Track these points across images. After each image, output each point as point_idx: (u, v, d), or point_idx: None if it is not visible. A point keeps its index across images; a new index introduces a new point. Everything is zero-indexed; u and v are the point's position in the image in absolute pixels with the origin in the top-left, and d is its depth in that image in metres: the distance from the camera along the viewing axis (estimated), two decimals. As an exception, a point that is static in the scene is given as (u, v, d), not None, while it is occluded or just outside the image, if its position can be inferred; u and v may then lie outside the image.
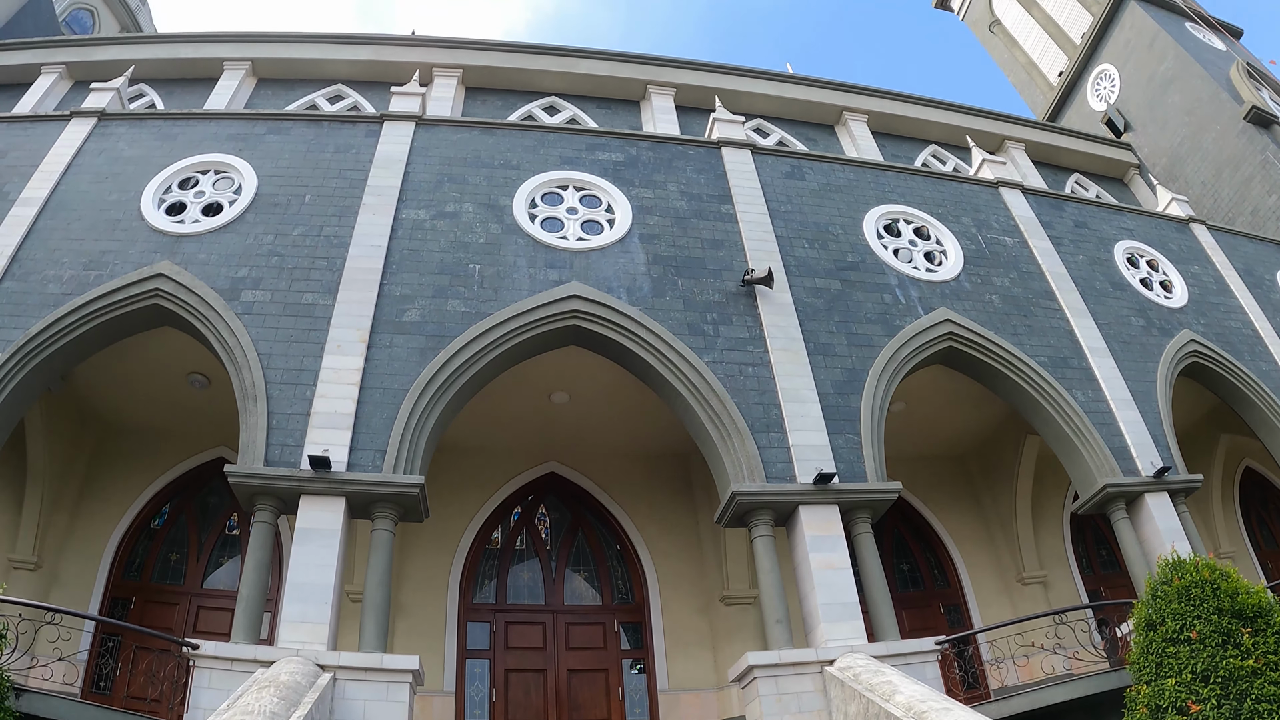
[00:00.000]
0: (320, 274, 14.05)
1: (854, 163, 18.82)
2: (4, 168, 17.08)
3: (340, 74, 23.32)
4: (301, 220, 14.98)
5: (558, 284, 14.26)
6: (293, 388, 12.57)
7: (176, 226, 15.01)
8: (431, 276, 14.15)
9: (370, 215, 14.93)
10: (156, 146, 16.80)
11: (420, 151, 16.49)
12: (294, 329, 13.26)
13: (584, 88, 23.90)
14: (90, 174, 16.44)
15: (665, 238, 15.60)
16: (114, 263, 14.55)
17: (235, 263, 14.28)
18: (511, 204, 15.60)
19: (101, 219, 15.41)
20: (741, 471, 12.77)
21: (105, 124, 17.55)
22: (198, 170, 16.20)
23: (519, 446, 18.28)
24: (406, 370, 12.83)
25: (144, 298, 14.05)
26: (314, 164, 16.12)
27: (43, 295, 14.27)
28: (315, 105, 22.62)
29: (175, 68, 23.53)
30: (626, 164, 16.95)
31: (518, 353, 13.75)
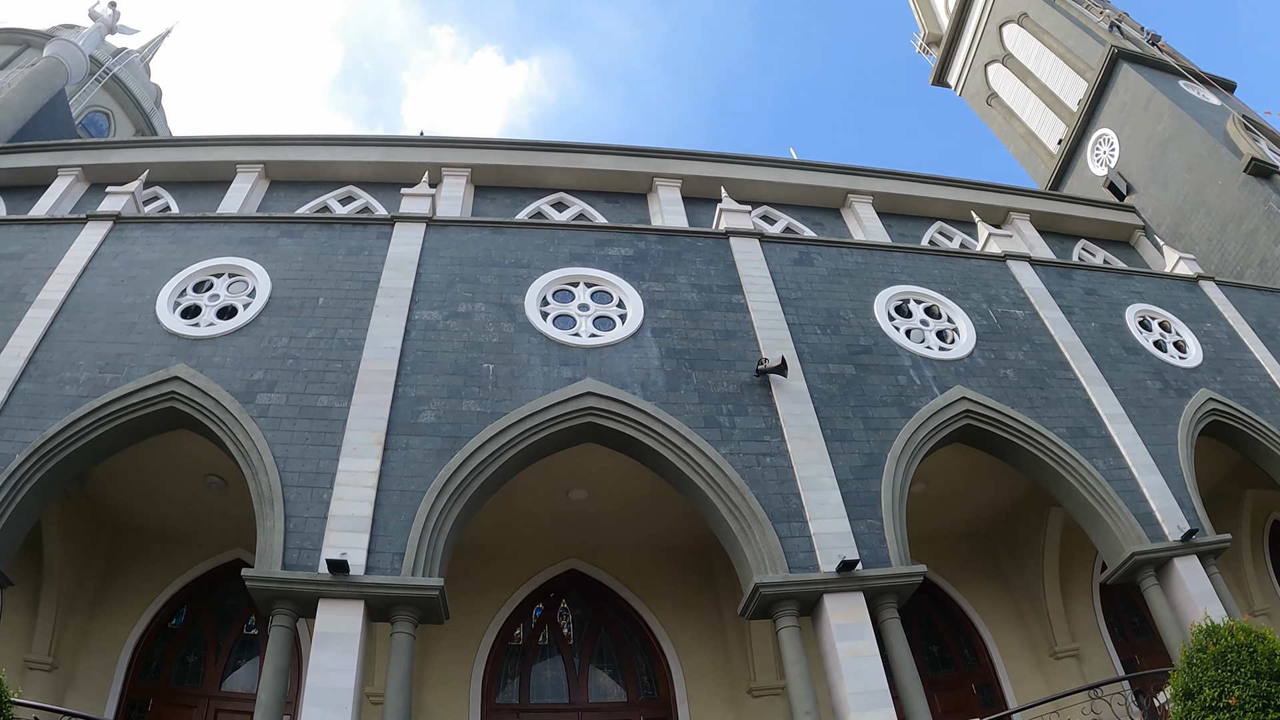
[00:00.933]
0: (335, 376, 14.33)
1: (862, 246, 19.16)
2: (21, 270, 17.49)
3: (351, 175, 23.87)
4: (316, 323, 15.31)
5: (572, 381, 14.51)
6: (310, 490, 12.75)
7: (192, 329, 15.34)
8: (446, 377, 14.42)
9: (383, 317, 15.25)
10: (171, 250, 17.22)
11: (431, 252, 16.86)
12: (310, 432, 13.49)
13: (591, 182, 24.43)
14: (106, 277, 16.84)
15: (677, 331, 15.89)
16: (130, 365, 14.86)
17: (250, 366, 14.58)
18: (523, 302, 15.93)
19: (117, 321, 15.76)
20: (764, 563, 12.88)
21: (121, 227, 18.00)
22: (212, 274, 16.59)
23: (539, 544, 18.41)
24: (423, 472, 13.02)
25: (160, 401, 14.32)
26: (327, 266, 16.49)
27: (59, 397, 14.57)
28: (327, 206, 23.14)
29: (189, 171, 24.11)
30: (636, 258, 17.31)
31: (534, 452, 13.95)
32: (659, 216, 23.18)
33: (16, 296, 16.85)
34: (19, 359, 15.32)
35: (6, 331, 16.07)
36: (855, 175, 25.78)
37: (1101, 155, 31.23)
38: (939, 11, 43.78)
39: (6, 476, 13.20)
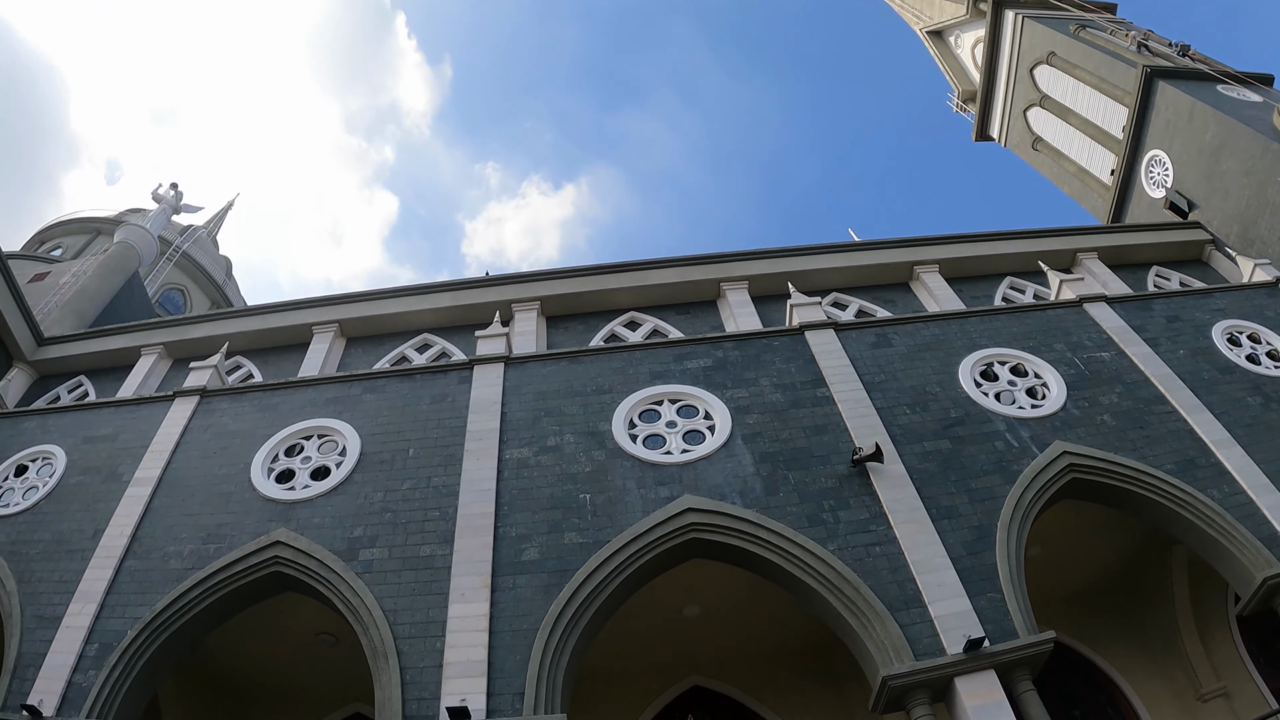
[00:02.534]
0: (434, 524, 14.74)
1: (937, 317, 19.20)
2: (116, 450, 18.35)
3: (425, 323, 24.54)
4: (409, 474, 15.78)
5: (670, 500, 14.76)
6: (422, 640, 13.05)
7: (288, 494, 15.91)
8: (544, 512, 14.74)
9: (475, 460, 15.68)
10: (259, 417, 17.93)
11: (513, 390, 17.32)
12: (416, 582, 13.85)
13: (659, 297, 24.80)
14: (199, 450, 17.55)
15: (767, 434, 16.07)
16: (231, 534, 15.46)
17: (350, 523, 15.05)
18: (611, 428, 16.26)
19: (214, 492, 16.43)
20: (888, 654, 12.83)
21: (208, 400, 18.83)
22: (301, 437, 17.23)
23: (658, 664, 18.38)
24: (533, 610, 13.28)
25: (264, 566, 14.88)
26: (412, 417, 17.03)
27: (165, 571, 15.28)
28: (405, 357, 23.79)
29: (267, 337, 25.01)
30: (716, 367, 17.59)
31: (641, 575, 14.15)
32: (731, 321, 23.46)
33: (114, 477, 17.66)
34: (123, 537, 16.08)
35: (108, 511, 16.84)
36: (918, 246, 25.86)
37: (1156, 177, 30.96)
38: (968, 68, 44.09)
39: (120, 654, 13.76)
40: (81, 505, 17.50)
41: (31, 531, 17.40)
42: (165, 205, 41.76)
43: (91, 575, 15.80)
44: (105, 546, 16.23)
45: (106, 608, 15.19)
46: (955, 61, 45.18)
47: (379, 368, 22.68)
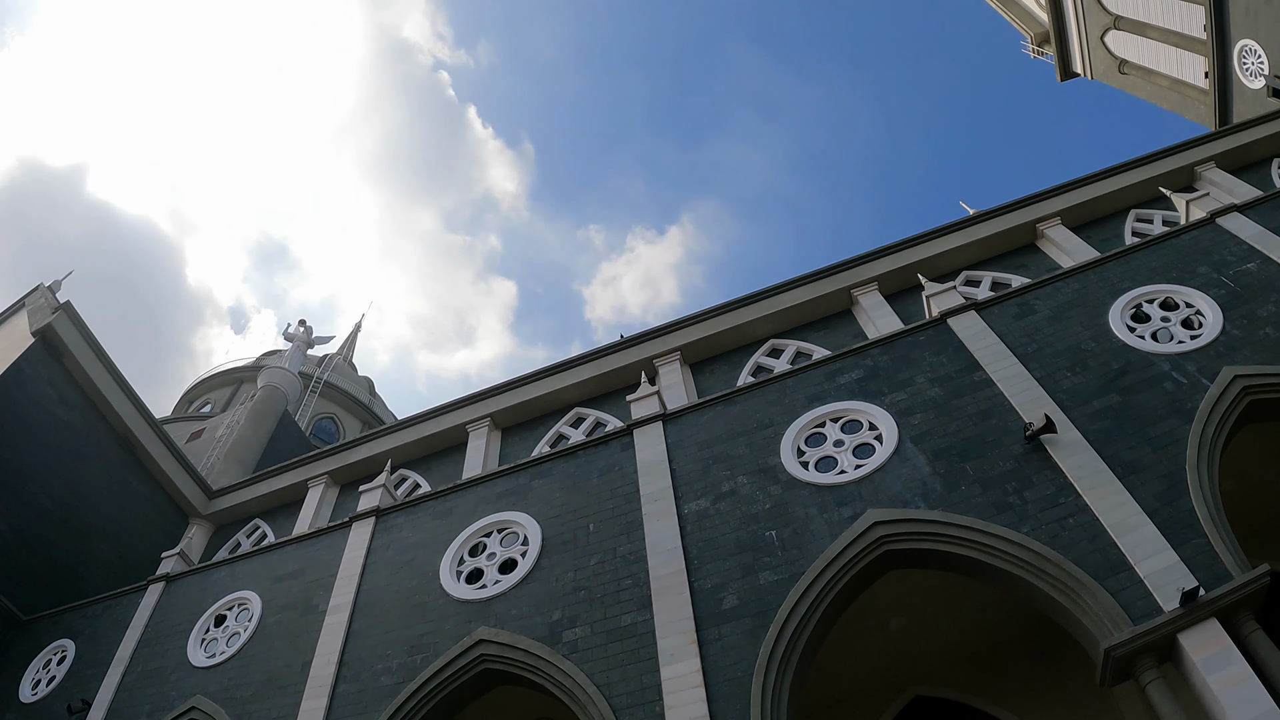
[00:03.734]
0: (629, 592, 15.04)
1: (1074, 271, 18.56)
2: (306, 584, 19.23)
3: (572, 398, 25.11)
4: (593, 549, 16.16)
5: (854, 518, 14.77)
6: (641, 708, 13.34)
7: (480, 592, 16.47)
8: (734, 558, 14.90)
9: (655, 522, 15.95)
10: (437, 524, 18.59)
11: (677, 445, 17.56)
12: (623, 652, 14.14)
13: (794, 319, 24.91)
14: (386, 567, 18.27)
15: (935, 431, 15.95)
16: (434, 641, 16.05)
17: (546, 608, 15.48)
18: (780, 460, 16.34)
19: (410, 605, 17.09)
20: (1104, 625, 12.57)
21: (384, 519, 19.59)
22: (482, 535, 17.80)
23: (874, 683, 18.14)
24: (744, 656, 13.42)
25: (472, 666, 15.43)
26: (585, 493, 17.42)
27: (376, 690, 15.99)
28: (561, 435, 24.36)
29: (424, 445, 25.91)
30: (868, 376, 17.54)
31: (842, 599, 14.14)
32: (870, 327, 23.40)
33: (310, 609, 18.46)
34: (330, 664, 16.82)
35: (311, 642, 17.63)
36: (1034, 203, 25.34)
37: (1251, 67, 29.54)
38: (1033, 10, 43.19)
39: None
40: (285, 642, 18.33)
41: (242, 675, 18.27)
42: (298, 342, 43.50)
43: (308, 706, 16.57)
44: (315, 676, 16.97)
45: (333, 735, 15.93)
46: (1018, 6, 44.47)
47: (538, 452, 23.31)
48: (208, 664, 19.05)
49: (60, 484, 27.46)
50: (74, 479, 27.94)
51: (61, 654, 22.83)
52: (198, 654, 19.54)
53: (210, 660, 19.10)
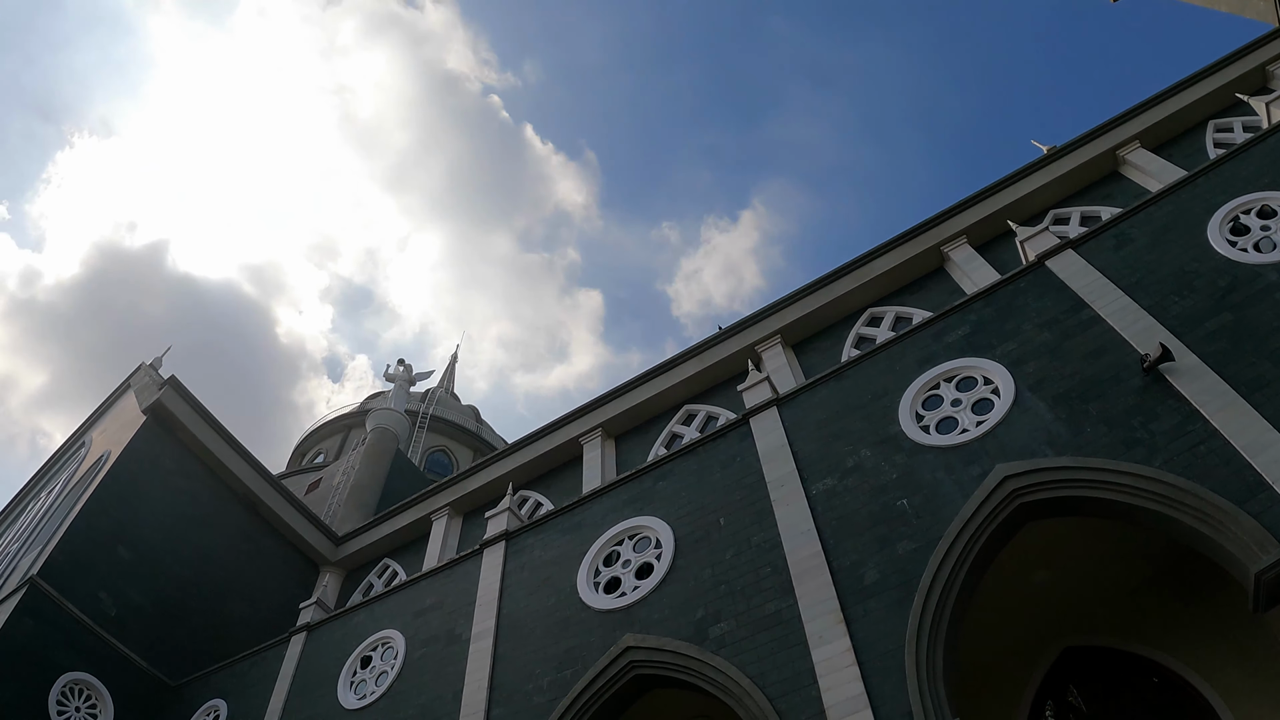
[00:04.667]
0: (769, 580, 15.19)
1: (1164, 193, 17.89)
2: (446, 615, 19.80)
3: (680, 397, 25.36)
4: (727, 542, 16.34)
5: (983, 476, 14.70)
6: (796, 694, 13.45)
7: (620, 600, 16.76)
8: (869, 532, 14.96)
9: (785, 507, 16.07)
10: (567, 540, 19.02)
11: (795, 427, 17.65)
12: (771, 640, 14.29)
13: (888, 284, 24.86)
14: (523, 588, 18.74)
15: (1051, 376, 15.72)
16: (582, 655, 16.42)
17: (689, 608, 15.72)
18: (901, 428, 16.34)
19: (552, 622, 17.48)
20: (1251, 550, 12.31)
21: (514, 541, 20.05)
22: (614, 544, 18.15)
23: (1023, 641, 17.88)
24: (893, 629, 13.48)
25: (623, 674, 15.74)
26: (710, 488, 17.61)
27: (530, 709, 16.45)
28: (674, 434, 24.65)
29: (540, 464, 26.43)
30: (974, 331, 17.40)
31: (982, 559, 14.08)
32: (966, 281, 23.19)
33: (454, 639, 18.94)
34: (482, 690, 17.31)
35: (459, 672, 18.15)
36: (1110, 130, 24.70)
37: None
38: None
39: None
40: (433, 675, 18.83)
41: (395, 712, 18.88)
42: (400, 381, 44.43)
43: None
44: (469, 704, 17.43)
45: (487, 760, 16.35)
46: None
47: (655, 455, 23.55)
48: (360, 705, 19.66)
49: (191, 551, 28.45)
50: (204, 544, 28.94)
51: (215, 714, 23.67)
52: (348, 697, 20.14)
53: (362, 702, 19.69)
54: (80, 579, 25.40)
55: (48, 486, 35.61)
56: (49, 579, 24.73)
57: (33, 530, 30.75)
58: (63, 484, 32.84)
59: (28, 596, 24.09)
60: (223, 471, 30.87)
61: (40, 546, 26.91)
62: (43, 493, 35.57)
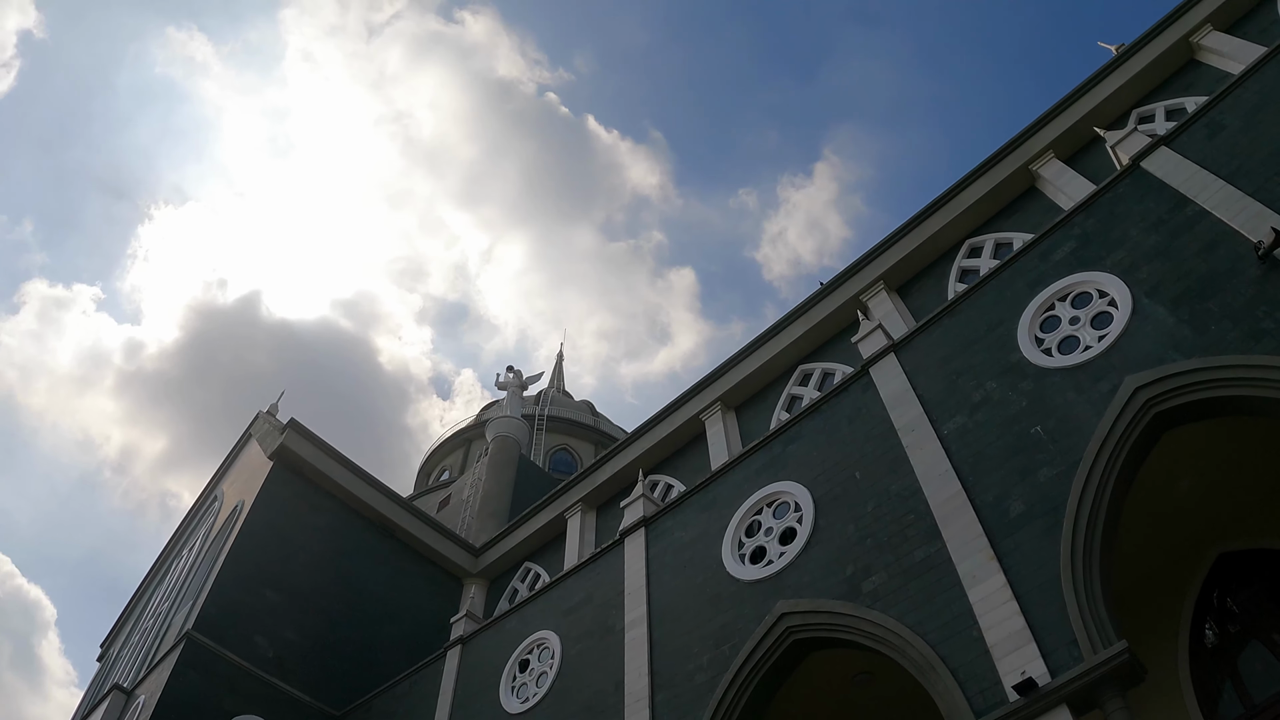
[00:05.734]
0: (914, 528, 15.24)
1: (1247, 74, 17.09)
2: (597, 608, 20.43)
3: (792, 358, 25.45)
4: (866, 495, 16.45)
5: (1113, 391, 14.37)
6: (957, 637, 13.52)
7: (768, 569, 17.04)
8: (1007, 464, 14.90)
9: (918, 451, 16.10)
10: (706, 517, 19.40)
11: (915, 371, 17.61)
12: (925, 587, 14.39)
13: (981, 213, 24.36)
14: (669, 571, 19.28)
15: (1165, 280, 15.19)
16: (737, 628, 16.78)
17: (837, 566, 15.92)
18: (1023, 355, 16.12)
19: (703, 600, 17.83)
20: None
21: (652, 526, 20.43)
22: (753, 514, 18.40)
23: (1174, 553, 17.27)
24: (1046, 559, 13.37)
25: (780, 641, 15.99)
26: (841, 444, 17.71)
27: (693, 689, 16.79)
28: (793, 396, 24.80)
29: (664, 447, 26.92)
30: (1080, 245, 16.97)
31: (1125, 474, 13.83)
32: (1060, 196, 22.45)
33: (608, 631, 19.39)
34: (643, 678, 17.70)
35: (618, 663, 18.58)
36: (1178, 20, 23.40)
37: None
38: None
39: None
40: (592, 668, 19.31)
41: (559, 711, 19.44)
42: (513, 388, 45.08)
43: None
44: (631, 693, 17.83)
45: (658, 745, 16.67)
46: None
47: (778, 420, 23.64)
48: (523, 709, 20.28)
49: (336, 584, 29.41)
50: (348, 576, 29.91)
51: (385, 737, 24.42)
52: (511, 702, 20.71)
53: (525, 705, 20.25)
54: (234, 627, 26.42)
55: (188, 544, 36.98)
56: (204, 631, 25.74)
57: (181, 588, 32.01)
58: (202, 539, 34.11)
59: (186, 651, 25.11)
60: (355, 503, 31.79)
61: (191, 602, 28.02)
62: (184, 550, 36.94)
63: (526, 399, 48.69)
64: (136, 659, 31.64)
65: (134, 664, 31.62)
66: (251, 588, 27.62)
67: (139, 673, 28.69)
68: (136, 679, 28.11)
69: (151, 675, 26.30)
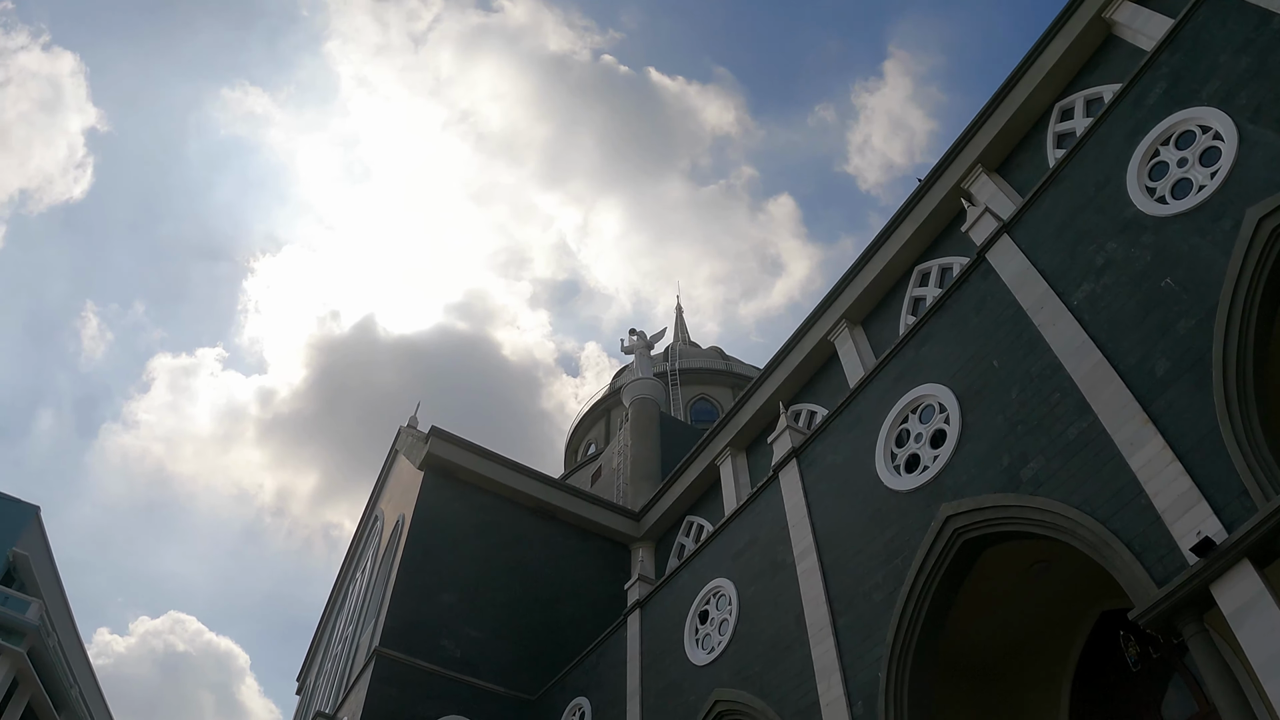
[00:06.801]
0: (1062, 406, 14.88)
1: None
2: (765, 546, 20.86)
3: (907, 260, 25.07)
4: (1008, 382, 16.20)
5: (1236, 226, 13.52)
6: (1126, 509, 13.23)
7: (924, 475, 17.10)
8: (1143, 323, 14.30)
9: (1052, 327, 15.68)
10: (853, 437, 19.53)
11: (1032, 246, 17.11)
12: (1085, 463, 14.10)
13: (1064, 74, 22.43)
14: (828, 497, 19.57)
15: (1267, 101, 14.05)
16: (904, 540, 16.86)
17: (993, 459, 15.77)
18: (1136, 208, 15.37)
19: (866, 519, 18.12)
20: None
21: (803, 456, 20.90)
22: (900, 425, 18.39)
23: None
24: (1202, 412, 12.83)
25: (951, 545, 15.91)
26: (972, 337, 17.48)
27: (872, 607, 17.03)
28: (916, 299, 24.43)
29: (798, 376, 27.24)
30: (1170, 83, 15.99)
31: (1267, 308, 13.04)
32: (1140, 38, 20.48)
33: (780, 567, 19.69)
34: (821, 606, 18.28)
35: (794, 597, 18.96)
36: None
37: None
38: None
39: (882, 698, 15.44)
40: (770, 607, 19.60)
41: (746, 654, 19.76)
42: (639, 350, 45.41)
43: (818, 652, 17.72)
44: (813, 623, 18.05)
45: (849, 669, 16.92)
46: None
47: (905, 325, 23.34)
48: (712, 658, 20.63)
49: (507, 575, 30.28)
50: (517, 565, 30.74)
51: (580, 712, 25.02)
52: (698, 654, 21.08)
53: (711, 655, 20.62)
54: (419, 635, 27.34)
55: (359, 567, 38.26)
56: (392, 645, 26.70)
57: (362, 609, 33.15)
58: (372, 559, 35.25)
59: (378, 667, 26.09)
60: (510, 493, 32.52)
61: (373, 620, 29.03)
62: (357, 574, 38.20)
63: (655, 358, 48.90)
64: (333, 684, 32.90)
65: (331, 689, 32.91)
66: (428, 595, 28.47)
67: (338, 696, 29.86)
68: (337, 703, 29.27)
69: (350, 697, 27.34)
